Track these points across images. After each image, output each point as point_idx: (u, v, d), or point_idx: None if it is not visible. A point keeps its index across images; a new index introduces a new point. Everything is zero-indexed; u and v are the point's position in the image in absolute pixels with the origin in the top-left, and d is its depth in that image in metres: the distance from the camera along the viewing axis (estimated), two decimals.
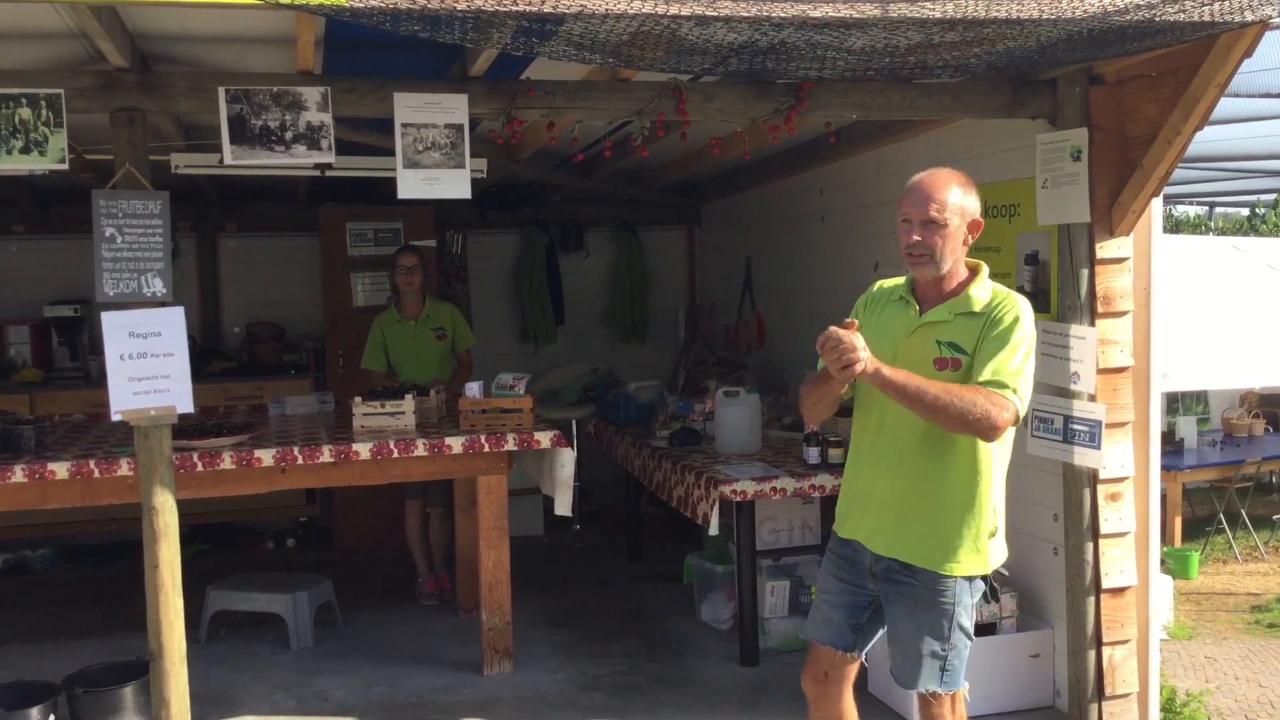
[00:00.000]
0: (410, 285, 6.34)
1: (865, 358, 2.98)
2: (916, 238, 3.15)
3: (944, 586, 3.16)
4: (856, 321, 3.11)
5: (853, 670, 3.43)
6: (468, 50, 4.14)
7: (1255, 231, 16.23)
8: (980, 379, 3.06)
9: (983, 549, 3.18)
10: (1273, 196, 15.41)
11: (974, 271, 3.26)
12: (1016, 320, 3.11)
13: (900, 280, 3.39)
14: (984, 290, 3.20)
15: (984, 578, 3.22)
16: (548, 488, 5.35)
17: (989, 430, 3.02)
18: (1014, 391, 3.03)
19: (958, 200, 3.14)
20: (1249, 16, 3.46)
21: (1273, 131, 9.16)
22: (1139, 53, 3.89)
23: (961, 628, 3.19)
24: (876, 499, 3.28)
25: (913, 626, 3.21)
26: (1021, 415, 3.08)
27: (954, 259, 3.19)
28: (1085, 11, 3.31)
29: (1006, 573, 3.27)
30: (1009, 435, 3.18)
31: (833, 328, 3.04)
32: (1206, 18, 3.42)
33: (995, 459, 3.19)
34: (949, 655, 3.19)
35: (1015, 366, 3.06)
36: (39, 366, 7.65)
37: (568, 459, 5.19)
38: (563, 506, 5.25)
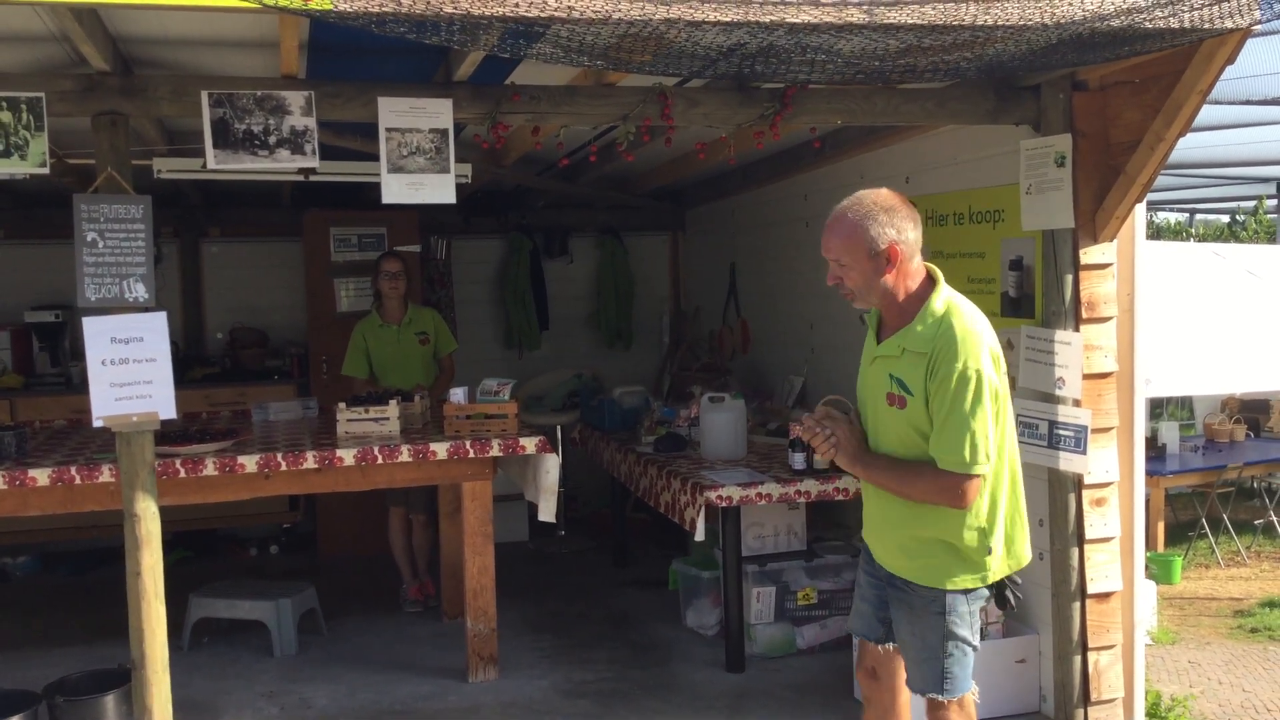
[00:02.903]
0: (394, 290, 6.32)
1: (835, 452, 3.18)
2: (832, 280, 3.18)
3: (936, 598, 3.18)
4: (821, 410, 3.27)
5: (900, 665, 3.41)
6: (452, 55, 4.13)
7: (1236, 238, 16.34)
8: (933, 452, 3.06)
9: (977, 562, 3.16)
10: (1253, 203, 15.51)
11: (927, 289, 3.15)
12: (951, 366, 3.00)
13: None
14: (930, 322, 3.09)
15: (988, 586, 3.21)
16: (531, 494, 5.33)
17: (956, 508, 3.08)
18: (965, 462, 3.01)
19: (857, 239, 3.06)
20: (1230, 23, 3.48)
21: (1253, 138, 9.23)
22: (1125, 58, 3.91)
23: (957, 637, 3.19)
24: (872, 513, 3.36)
25: (910, 632, 3.26)
26: (983, 472, 3.05)
27: (880, 290, 3.12)
28: (1071, 17, 3.32)
29: (1020, 581, 3.32)
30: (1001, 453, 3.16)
31: (803, 427, 3.24)
32: (1189, 24, 3.44)
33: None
34: (947, 663, 3.20)
35: (959, 429, 3.00)
36: (20, 372, 7.59)
37: (552, 465, 5.18)
38: (546, 512, 5.23)
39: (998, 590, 3.24)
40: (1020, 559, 3.25)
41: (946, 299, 3.13)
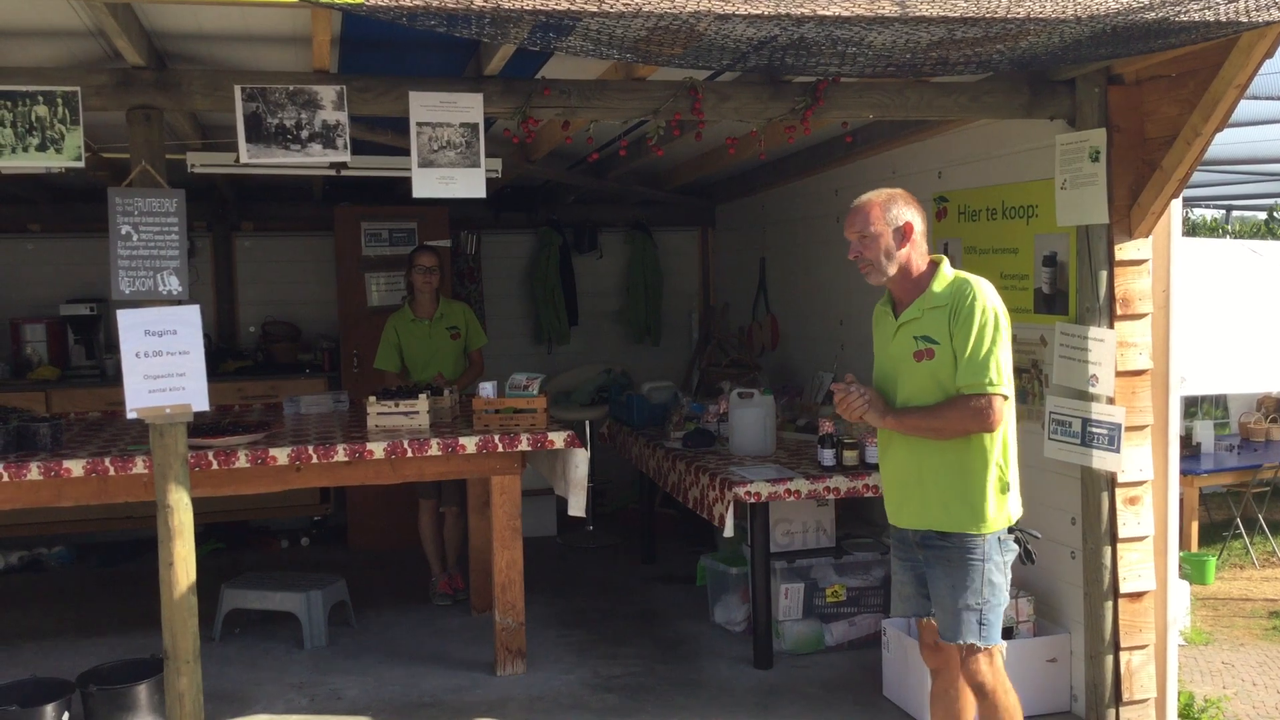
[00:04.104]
0: (428, 285, 6.34)
1: (867, 408, 3.55)
2: (853, 254, 3.64)
3: (973, 545, 3.51)
4: (851, 375, 3.66)
5: None
6: (483, 49, 4.14)
7: (1273, 235, 16.12)
8: (958, 381, 3.47)
9: (1000, 500, 3.52)
10: None
11: (934, 266, 3.62)
12: (974, 304, 3.47)
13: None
14: (942, 282, 3.58)
15: (1014, 538, 3.58)
16: (561, 488, 5.34)
17: (986, 429, 3.47)
18: (991, 383, 3.44)
19: (878, 214, 3.57)
20: (1269, 16, 3.43)
21: None
22: (1161, 50, 3.87)
23: (993, 583, 3.52)
24: (901, 480, 3.66)
25: (949, 584, 3.56)
26: (1008, 394, 3.47)
27: (895, 263, 3.58)
28: (1105, 10, 3.28)
29: (1039, 535, 3.70)
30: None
31: (834, 389, 3.63)
32: (1226, 17, 3.39)
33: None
34: (983, 609, 3.52)
35: (984, 355, 3.44)
36: (55, 364, 7.68)
37: (581, 459, 5.18)
38: (576, 507, 5.23)
39: (1021, 544, 3.59)
40: (1019, 506, 3.64)
41: (954, 269, 3.62)
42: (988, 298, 3.49)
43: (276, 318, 8.29)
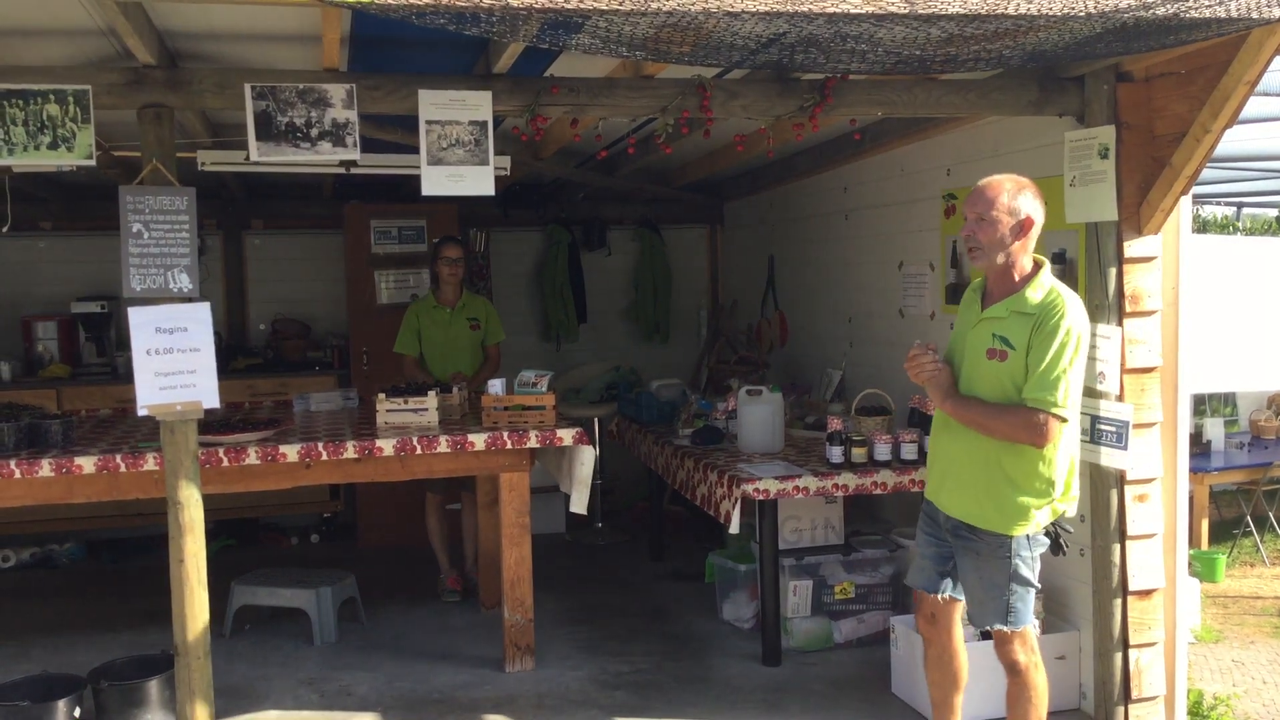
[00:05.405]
0: (454, 276, 6.39)
1: (932, 381, 3.65)
2: (967, 233, 3.63)
3: (1003, 544, 3.59)
4: (934, 344, 3.72)
5: (956, 610, 3.88)
6: (492, 47, 4.15)
7: None
8: (1025, 393, 3.49)
9: (1040, 509, 3.57)
10: None
11: (1036, 269, 3.62)
12: (1060, 323, 3.46)
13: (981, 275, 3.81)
14: (1038, 290, 3.56)
15: (1045, 531, 3.62)
16: (566, 485, 5.35)
17: (1036, 445, 3.51)
18: (1055, 404, 3.44)
19: (1004, 201, 3.54)
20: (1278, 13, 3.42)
21: None
22: (1172, 47, 3.86)
23: (1021, 578, 3.61)
24: (947, 465, 3.74)
25: (976, 576, 3.68)
26: (1067, 416, 3.47)
27: (1005, 253, 3.57)
28: (1115, 5, 3.27)
29: (1072, 530, 3.75)
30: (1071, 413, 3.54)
31: (915, 347, 3.72)
32: (1236, 13, 3.38)
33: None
34: (1010, 600, 3.62)
35: (1056, 375, 3.44)
36: (66, 362, 7.70)
37: (587, 457, 5.19)
38: (578, 504, 5.25)
39: (1053, 537, 3.63)
40: (1073, 498, 3.67)
41: (1053, 279, 3.62)
42: (1075, 318, 3.49)
43: (286, 315, 8.31)
